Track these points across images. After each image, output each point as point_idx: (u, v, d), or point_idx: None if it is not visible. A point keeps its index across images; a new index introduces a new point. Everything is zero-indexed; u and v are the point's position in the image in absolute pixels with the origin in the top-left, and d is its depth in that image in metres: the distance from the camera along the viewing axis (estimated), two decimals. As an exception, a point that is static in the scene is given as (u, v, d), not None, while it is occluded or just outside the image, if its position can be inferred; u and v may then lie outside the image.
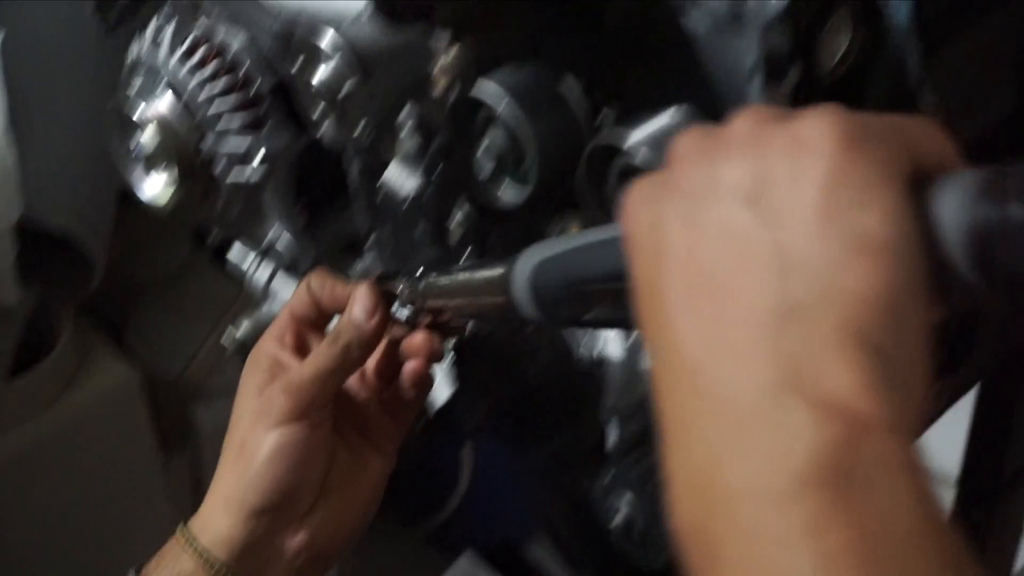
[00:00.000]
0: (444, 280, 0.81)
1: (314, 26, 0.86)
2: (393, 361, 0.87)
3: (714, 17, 0.71)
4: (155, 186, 1.03)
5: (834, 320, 0.47)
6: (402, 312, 0.85)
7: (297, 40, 0.83)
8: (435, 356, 0.86)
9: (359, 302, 0.84)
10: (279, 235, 1.04)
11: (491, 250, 0.91)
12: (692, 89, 0.75)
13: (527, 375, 0.90)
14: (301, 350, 0.86)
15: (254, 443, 0.82)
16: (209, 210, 1.04)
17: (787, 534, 0.45)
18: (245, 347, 1.09)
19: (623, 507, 0.85)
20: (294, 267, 1.04)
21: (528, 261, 0.71)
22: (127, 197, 1.36)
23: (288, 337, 0.86)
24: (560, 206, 0.83)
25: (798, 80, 0.69)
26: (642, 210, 0.55)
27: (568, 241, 0.69)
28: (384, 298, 0.84)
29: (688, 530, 0.50)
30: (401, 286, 0.84)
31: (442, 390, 0.97)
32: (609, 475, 0.86)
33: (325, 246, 1.05)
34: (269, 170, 0.98)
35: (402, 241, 1.03)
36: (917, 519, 0.45)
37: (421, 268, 0.83)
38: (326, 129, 0.85)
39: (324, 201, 1.04)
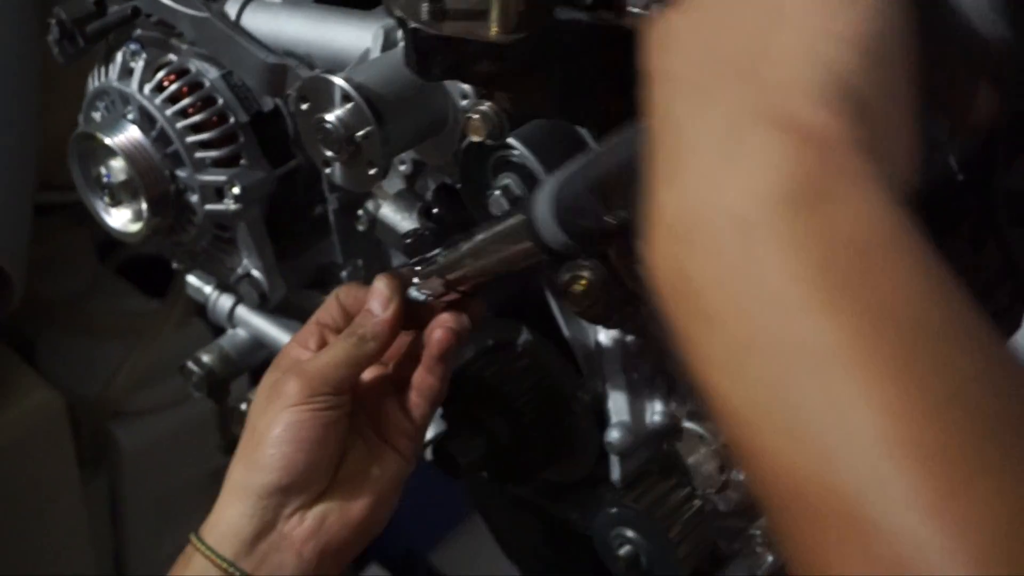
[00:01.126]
0: (464, 246, 0.81)
1: (319, 66, 0.85)
2: (413, 358, 0.88)
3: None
4: (123, 217, 1.01)
5: (817, 62, 0.48)
6: (419, 295, 0.86)
7: (310, 79, 0.82)
8: (461, 328, 0.86)
9: (375, 294, 0.85)
10: (248, 270, 1.02)
11: (488, 293, 0.92)
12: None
13: (520, 412, 0.91)
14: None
15: (263, 427, 0.82)
16: (177, 242, 1.02)
17: (763, 260, 0.45)
18: (213, 374, 1.08)
19: (626, 543, 0.87)
20: (263, 300, 1.03)
21: (545, 190, 0.72)
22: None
23: (312, 341, 0.87)
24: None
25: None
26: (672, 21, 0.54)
27: (579, 161, 0.71)
28: (400, 287, 0.85)
29: (668, 276, 0.50)
30: (418, 268, 0.84)
31: (433, 429, 0.97)
32: (612, 511, 0.88)
33: (294, 280, 1.04)
34: (245, 204, 0.97)
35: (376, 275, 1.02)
36: (888, 228, 0.45)
37: (437, 251, 0.83)
38: (335, 171, 0.84)
39: (293, 235, 1.03)
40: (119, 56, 0.99)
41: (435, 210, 0.89)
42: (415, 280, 0.85)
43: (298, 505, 0.82)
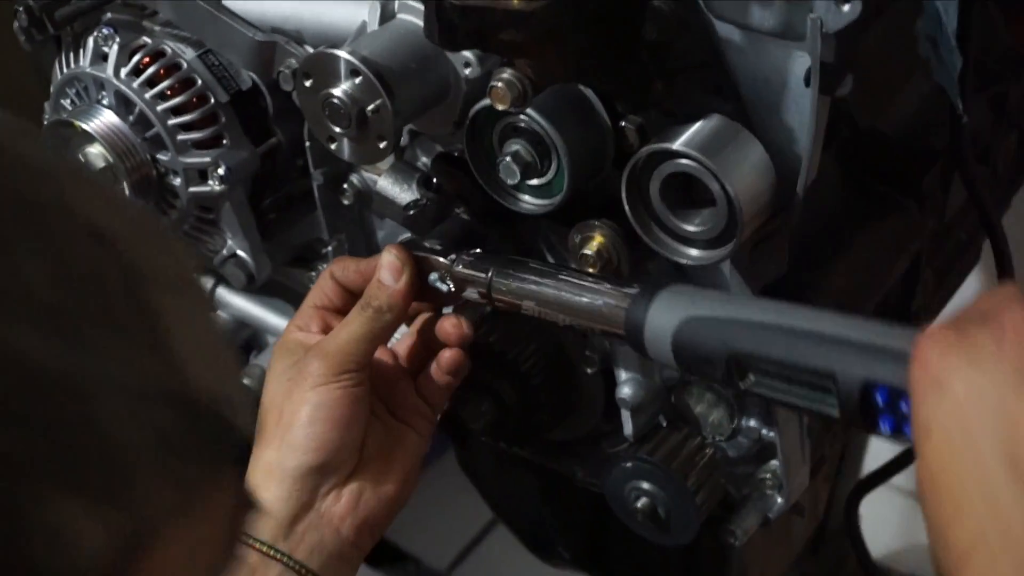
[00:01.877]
0: (531, 285, 0.82)
1: (315, 40, 0.85)
2: (425, 343, 0.89)
3: (758, 26, 0.74)
4: (102, 205, 0.99)
5: None
6: (441, 285, 0.87)
7: (314, 55, 0.82)
8: (466, 340, 0.87)
9: (385, 266, 0.85)
10: (233, 250, 1.02)
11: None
12: (720, 98, 0.78)
13: (528, 374, 0.92)
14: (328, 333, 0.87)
15: (291, 409, 0.83)
16: (158, 227, 1.01)
17: None
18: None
19: (643, 495, 0.89)
20: (250, 280, 1.02)
21: (669, 313, 0.74)
22: None
23: (314, 325, 0.87)
24: (575, 215, 0.84)
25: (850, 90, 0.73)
26: (953, 363, 0.58)
27: (726, 306, 0.73)
28: (415, 261, 0.86)
29: None
30: (456, 264, 0.85)
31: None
32: (627, 465, 0.89)
33: (278, 258, 1.04)
34: (229, 184, 0.96)
35: (361, 251, 1.03)
36: None
37: (476, 250, 0.85)
38: (342, 147, 0.84)
39: (276, 213, 1.03)
40: (90, 41, 0.97)
41: (434, 180, 0.89)
42: (437, 268, 0.86)
43: (334, 483, 0.83)
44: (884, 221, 0.99)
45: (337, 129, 0.83)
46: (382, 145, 0.82)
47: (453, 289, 0.86)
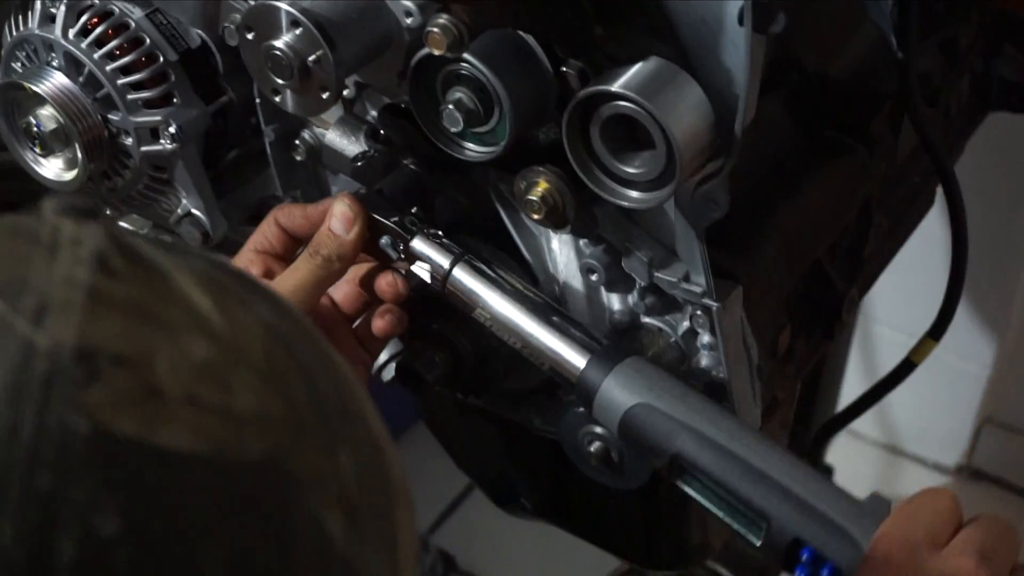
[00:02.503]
0: (494, 299, 0.85)
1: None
2: (363, 291, 0.90)
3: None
4: (55, 166, 1.00)
5: None
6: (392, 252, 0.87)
7: (254, 7, 0.82)
8: (401, 299, 0.89)
9: (337, 215, 0.86)
10: (187, 209, 1.02)
11: (436, 211, 0.93)
12: (659, 41, 0.79)
13: (481, 323, 0.93)
14: (270, 279, 0.87)
15: None
16: (112, 187, 1.01)
17: None
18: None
19: (596, 439, 0.89)
20: (206, 239, 1.03)
21: (627, 392, 0.78)
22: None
23: (255, 269, 0.88)
24: (520, 162, 0.85)
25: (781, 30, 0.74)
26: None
27: (684, 407, 0.77)
28: (366, 212, 0.86)
29: None
30: (415, 241, 0.86)
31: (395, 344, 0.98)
32: (579, 410, 0.90)
33: (234, 216, 1.04)
34: (181, 143, 0.96)
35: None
36: None
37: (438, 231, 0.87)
38: (286, 99, 0.84)
39: (230, 171, 1.03)
40: (38, 3, 0.97)
41: (382, 131, 0.90)
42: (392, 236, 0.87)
43: None
44: (833, 165, 1.00)
45: (280, 81, 0.83)
46: (325, 96, 0.83)
47: (403, 258, 0.86)
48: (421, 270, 0.86)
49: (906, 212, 1.11)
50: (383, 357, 0.96)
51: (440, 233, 0.87)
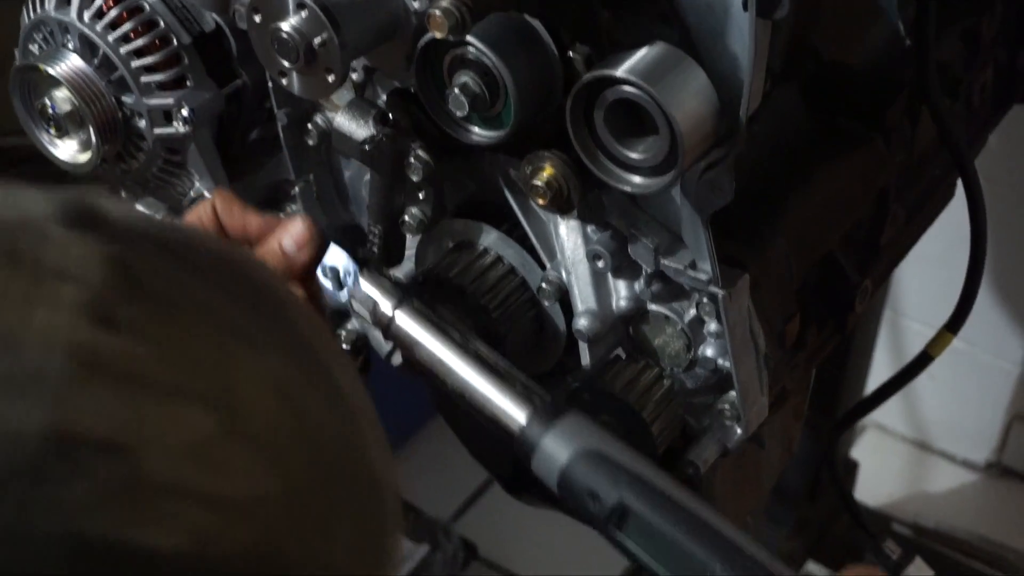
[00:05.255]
0: (435, 346, 0.82)
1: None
2: None
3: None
4: (70, 148, 1.01)
5: None
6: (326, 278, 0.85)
7: (260, -8, 0.82)
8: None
9: (292, 233, 0.80)
10: (200, 192, 1.03)
11: (446, 196, 0.93)
12: (665, 26, 0.78)
13: (487, 308, 0.93)
14: None
15: None
16: (126, 169, 1.02)
17: None
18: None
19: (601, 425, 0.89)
20: (219, 221, 1.03)
21: (565, 447, 0.75)
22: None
23: None
24: (527, 147, 0.85)
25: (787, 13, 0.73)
26: None
27: (629, 456, 0.74)
28: (320, 237, 0.81)
29: None
30: (362, 275, 0.83)
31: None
32: (583, 396, 0.90)
33: (247, 200, 1.04)
34: (194, 126, 0.97)
35: (328, 191, 1.03)
36: None
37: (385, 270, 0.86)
38: (292, 81, 0.84)
39: (242, 154, 1.04)
40: (55, -16, 0.98)
41: (391, 115, 0.90)
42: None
43: None
44: (848, 155, 0.99)
45: (286, 63, 0.83)
46: (331, 79, 0.83)
47: (343, 286, 0.84)
48: (361, 306, 0.84)
49: (924, 203, 1.10)
50: (388, 344, 0.96)
51: (389, 274, 0.86)
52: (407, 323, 0.83)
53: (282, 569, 0.42)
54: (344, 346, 1.10)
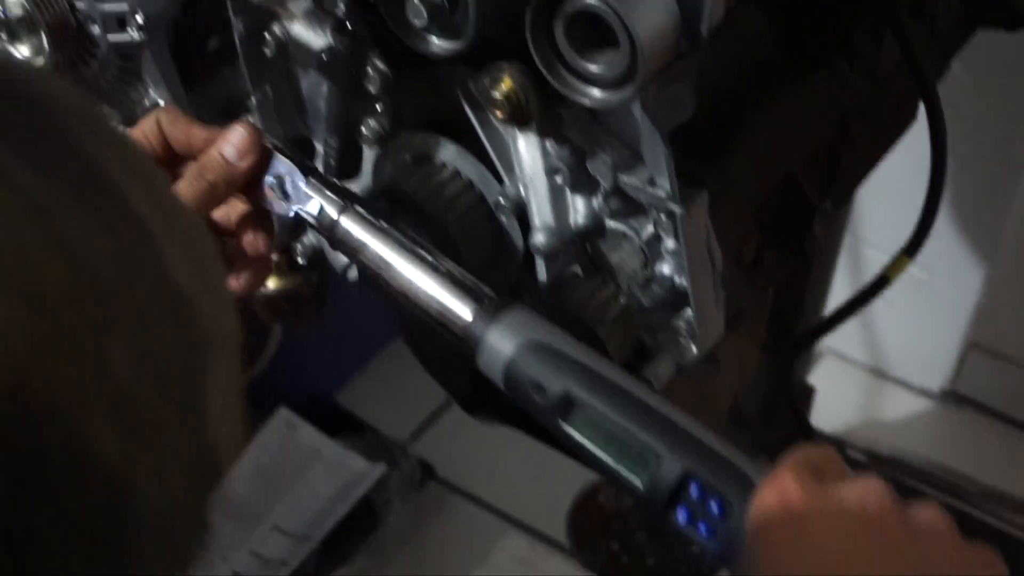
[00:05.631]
0: (380, 246, 0.80)
1: None
2: (232, 235, 0.86)
3: None
4: (22, 53, 0.99)
5: None
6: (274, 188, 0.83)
7: None
8: (261, 260, 0.86)
9: (232, 141, 0.81)
10: (155, 101, 1.01)
11: (404, 108, 0.92)
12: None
13: (447, 224, 0.92)
14: None
15: None
16: (80, 77, 1.00)
17: None
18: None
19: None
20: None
21: (509, 341, 0.74)
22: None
23: None
24: (486, 59, 0.84)
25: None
26: (820, 512, 0.64)
27: (570, 348, 0.74)
28: (262, 146, 0.82)
29: None
30: (309, 179, 0.81)
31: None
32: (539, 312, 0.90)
33: (203, 110, 1.03)
34: (149, 33, 0.95)
35: (286, 103, 1.02)
36: None
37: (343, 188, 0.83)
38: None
39: (200, 63, 1.02)
40: None
41: (348, 25, 0.88)
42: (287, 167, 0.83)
43: None
44: (811, 77, 0.99)
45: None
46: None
47: (289, 196, 0.82)
48: (307, 213, 0.82)
49: (886, 126, 1.10)
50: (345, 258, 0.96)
51: (335, 180, 0.84)
52: (351, 227, 0.81)
53: (38, 411, 0.39)
54: (300, 260, 1.09)
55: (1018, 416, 2.05)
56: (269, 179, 0.83)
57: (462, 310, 0.77)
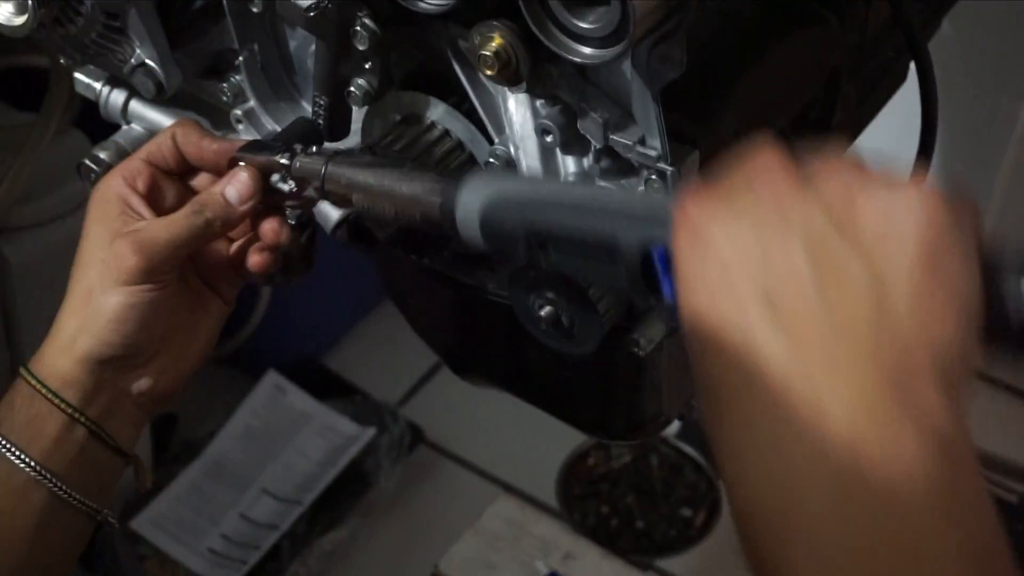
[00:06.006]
0: (359, 176, 0.83)
1: None
2: (250, 225, 0.89)
3: None
4: (6, 9, 0.98)
5: (925, 354, 0.54)
6: (283, 186, 0.86)
7: None
8: (281, 246, 0.89)
9: (235, 182, 0.84)
10: (141, 59, 1.00)
11: (393, 67, 0.91)
12: None
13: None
14: (154, 198, 0.86)
15: (101, 297, 0.82)
16: (65, 35, 0.99)
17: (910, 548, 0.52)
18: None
19: (547, 304, 0.88)
20: (160, 91, 1.01)
21: (475, 193, 0.77)
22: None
23: (141, 182, 0.86)
24: (476, 17, 0.83)
25: None
26: (712, 214, 0.60)
27: (523, 186, 0.77)
28: (262, 175, 0.85)
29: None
30: (295, 162, 0.85)
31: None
32: (530, 273, 0.89)
33: (190, 69, 1.02)
34: (134, -11, 0.94)
35: (273, 61, 1.01)
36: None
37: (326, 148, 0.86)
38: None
39: (186, 21, 1.01)
40: None
41: (336, -19, 0.87)
42: (278, 170, 0.86)
43: (134, 368, 0.85)
44: (801, 33, 0.98)
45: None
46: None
47: (296, 188, 0.85)
48: (311, 192, 0.85)
49: (877, 85, 1.09)
50: (336, 216, 0.95)
51: (314, 148, 0.86)
52: (335, 171, 0.83)
53: None
54: (290, 222, 1.08)
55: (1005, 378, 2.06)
56: (274, 179, 0.86)
57: (434, 194, 0.79)
